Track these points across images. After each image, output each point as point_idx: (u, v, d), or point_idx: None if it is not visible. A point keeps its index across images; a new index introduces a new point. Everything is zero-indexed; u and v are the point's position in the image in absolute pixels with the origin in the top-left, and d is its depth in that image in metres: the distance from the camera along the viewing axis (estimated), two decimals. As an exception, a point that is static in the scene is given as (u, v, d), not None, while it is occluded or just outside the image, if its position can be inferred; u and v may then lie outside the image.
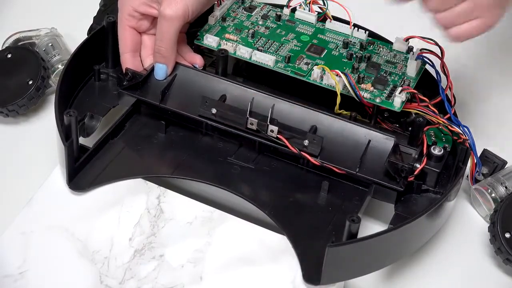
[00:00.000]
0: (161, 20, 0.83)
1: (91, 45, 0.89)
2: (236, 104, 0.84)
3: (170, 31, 0.84)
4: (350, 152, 0.81)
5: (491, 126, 0.95)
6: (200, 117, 0.84)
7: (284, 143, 0.81)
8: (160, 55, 0.85)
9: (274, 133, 0.81)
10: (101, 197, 0.81)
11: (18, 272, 0.76)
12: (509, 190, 0.86)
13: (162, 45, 0.84)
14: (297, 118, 0.83)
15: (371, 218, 0.85)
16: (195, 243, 0.78)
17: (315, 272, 0.75)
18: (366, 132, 0.82)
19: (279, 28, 0.92)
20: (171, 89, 0.86)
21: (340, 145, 0.82)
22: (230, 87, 0.85)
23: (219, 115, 0.83)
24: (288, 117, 0.83)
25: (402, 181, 0.80)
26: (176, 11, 0.82)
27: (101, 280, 0.76)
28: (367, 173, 0.81)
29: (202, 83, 0.86)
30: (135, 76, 0.86)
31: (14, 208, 0.82)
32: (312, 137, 0.81)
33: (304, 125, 0.83)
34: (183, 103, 0.86)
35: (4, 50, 0.95)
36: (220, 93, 0.85)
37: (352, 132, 0.82)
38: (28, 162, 0.90)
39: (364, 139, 0.82)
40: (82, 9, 1.03)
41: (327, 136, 0.82)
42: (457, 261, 0.84)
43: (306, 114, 0.83)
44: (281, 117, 0.83)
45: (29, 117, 0.95)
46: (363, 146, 0.81)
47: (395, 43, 0.90)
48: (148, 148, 0.85)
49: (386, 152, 0.81)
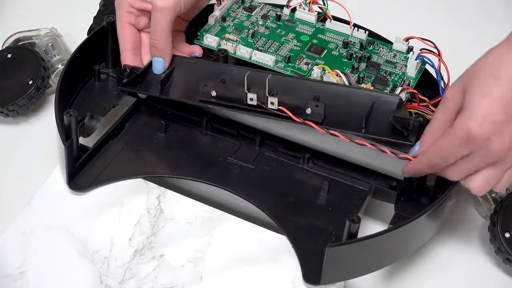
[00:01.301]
0: (154, 12, 0.84)
1: (91, 45, 0.89)
2: (236, 85, 0.83)
3: (162, 23, 0.84)
4: (354, 115, 0.80)
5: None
6: (201, 102, 0.84)
7: (286, 113, 0.80)
8: (156, 48, 0.85)
9: (274, 105, 0.80)
10: (101, 197, 0.81)
11: (18, 272, 0.76)
12: (509, 190, 0.86)
13: (156, 37, 0.85)
14: (297, 89, 0.82)
15: (371, 218, 0.85)
16: (195, 243, 0.78)
17: (315, 272, 0.75)
18: (369, 95, 0.81)
19: (279, 28, 0.92)
20: (170, 80, 0.86)
21: (344, 110, 0.81)
22: (227, 70, 0.85)
23: (218, 97, 0.83)
24: (289, 89, 0.82)
25: (411, 135, 0.79)
26: (167, 2, 0.83)
27: (101, 280, 0.76)
28: (374, 133, 0.79)
29: (200, 71, 0.86)
30: (133, 71, 0.86)
31: (14, 208, 0.82)
32: (314, 104, 0.80)
33: (305, 96, 0.82)
34: (183, 92, 0.86)
35: (4, 50, 0.95)
36: (219, 78, 0.85)
37: (354, 96, 0.81)
38: (28, 162, 0.90)
39: (368, 101, 0.80)
40: (82, 9, 1.03)
41: (329, 103, 0.81)
42: (457, 261, 0.84)
43: (306, 85, 0.82)
44: (281, 91, 0.82)
45: (29, 117, 0.95)
46: (367, 108, 0.80)
47: (395, 43, 0.90)
48: (148, 148, 0.85)
49: (390, 110, 0.80)
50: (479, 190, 0.75)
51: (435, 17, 1.08)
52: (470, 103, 0.72)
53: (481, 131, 0.72)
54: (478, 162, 0.73)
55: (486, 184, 0.75)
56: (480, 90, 0.72)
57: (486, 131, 0.72)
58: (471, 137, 0.72)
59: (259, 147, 0.85)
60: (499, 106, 0.71)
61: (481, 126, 0.72)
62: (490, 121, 0.71)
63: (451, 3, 1.10)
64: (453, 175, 0.76)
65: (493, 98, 0.72)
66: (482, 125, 0.71)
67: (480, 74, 0.73)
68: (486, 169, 0.74)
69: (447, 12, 1.09)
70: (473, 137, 0.72)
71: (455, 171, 0.75)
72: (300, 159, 0.85)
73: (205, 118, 0.86)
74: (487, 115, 0.71)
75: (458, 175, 0.76)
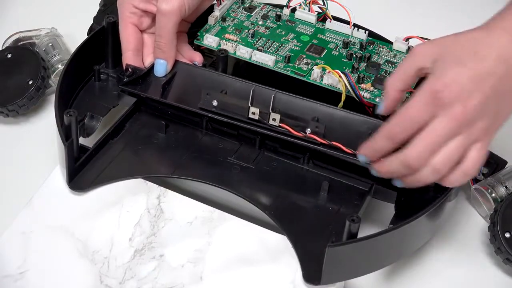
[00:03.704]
0: (159, 16, 0.84)
1: (91, 45, 0.89)
2: (238, 98, 0.84)
3: (167, 26, 0.84)
4: (352, 140, 0.81)
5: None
6: (201, 109, 0.84)
7: (287, 130, 0.81)
8: (160, 50, 0.85)
9: (276, 122, 0.81)
10: (101, 197, 0.81)
11: (18, 272, 0.76)
12: (509, 190, 0.86)
13: (161, 40, 0.85)
14: (298, 109, 0.83)
15: (371, 218, 0.85)
16: (195, 243, 0.78)
17: (315, 272, 0.75)
18: (367, 122, 0.82)
19: (279, 28, 0.92)
20: (171, 85, 0.87)
21: (342, 135, 0.81)
22: (230, 82, 0.85)
23: (220, 107, 0.83)
24: (290, 109, 0.83)
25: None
26: (172, 5, 0.83)
27: (101, 280, 0.76)
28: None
29: (202, 79, 0.86)
30: (135, 72, 0.86)
31: (14, 208, 0.82)
32: (315, 125, 0.80)
33: (306, 116, 0.82)
34: (183, 98, 0.86)
35: (4, 50, 0.95)
36: (221, 89, 0.85)
37: (353, 122, 0.82)
38: (28, 162, 0.90)
39: (366, 129, 0.81)
40: (82, 9, 1.03)
41: (329, 126, 0.81)
42: (457, 261, 0.84)
43: (307, 106, 0.83)
44: (282, 109, 0.83)
45: (29, 117, 0.95)
46: (365, 135, 0.81)
47: (395, 43, 0.90)
48: (148, 148, 0.85)
49: None
50: (442, 166, 0.73)
51: (435, 17, 1.08)
52: (442, 67, 0.72)
53: (447, 93, 0.71)
54: (441, 130, 0.72)
55: (448, 160, 0.73)
56: (455, 60, 0.72)
57: (452, 94, 0.71)
58: (436, 96, 0.71)
59: (259, 147, 0.85)
60: (471, 77, 0.71)
61: (448, 87, 0.71)
62: (457, 86, 0.71)
63: (451, 3, 1.10)
64: (415, 153, 0.73)
65: (467, 69, 0.71)
66: (448, 86, 0.71)
67: (458, 48, 0.73)
68: (449, 141, 0.73)
69: (447, 11, 1.09)
70: (438, 97, 0.71)
71: (418, 145, 0.73)
72: (300, 159, 0.85)
73: (205, 118, 0.86)
74: (457, 80, 0.71)
75: (420, 150, 0.73)
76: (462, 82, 0.71)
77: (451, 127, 0.72)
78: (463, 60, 0.72)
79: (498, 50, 0.72)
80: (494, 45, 0.72)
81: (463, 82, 0.71)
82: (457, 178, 0.75)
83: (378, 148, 0.76)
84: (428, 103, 0.72)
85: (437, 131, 0.72)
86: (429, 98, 0.72)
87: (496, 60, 0.71)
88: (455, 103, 0.71)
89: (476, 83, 0.71)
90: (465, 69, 0.71)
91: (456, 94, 0.71)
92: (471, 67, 0.71)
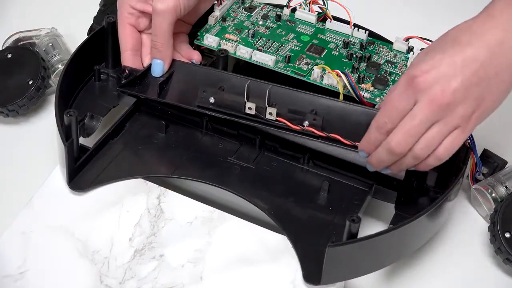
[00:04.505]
0: (154, 15, 0.84)
1: (91, 45, 0.89)
2: (234, 93, 0.84)
3: (163, 26, 0.84)
4: (351, 131, 0.81)
5: (492, 126, 0.95)
6: (199, 107, 0.84)
7: (284, 123, 0.81)
8: (156, 50, 0.86)
9: (273, 116, 0.81)
10: (101, 197, 0.81)
11: (18, 272, 0.76)
12: (509, 190, 0.86)
13: (157, 39, 0.85)
14: (295, 102, 0.83)
15: (371, 218, 0.85)
16: (195, 243, 0.78)
17: (315, 272, 0.75)
18: (366, 113, 0.81)
19: (279, 28, 0.92)
20: (169, 84, 0.87)
21: (341, 126, 0.81)
22: (227, 78, 0.85)
23: (217, 104, 0.83)
24: (287, 102, 0.83)
25: None
26: (167, 5, 0.84)
27: (101, 280, 0.76)
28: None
29: (199, 77, 0.86)
30: (132, 73, 0.86)
31: (14, 208, 0.82)
32: (312, 117, 0.80)
33: (303, 109, 0.82)
34: (181, 97, 0.86)
35: (4, 50, 0.95)
36: (218, 86, 0.85)
37: (352, 113, 0.82)
38: (28, 162, 0.90)
39: (366, 118, 0.81)
40: (82, 9, 1.03)
41: (327, 118, 0.81)
42: (457, 261, 0.84)
43: (305, 99, 0.83)
44: (280, 102, 0.82)
45: (29, 117, 0.95)
46: (365, 126, 0.81)
47: (395, 43, 0.90)
48: (148, 148, 0.85)
49: None
50: (421, 152, 0.73)
51: (435, 17, 1.08)
52: (423, 59, 0.73)
53: (423, 77, 0.71)
54: (420, 115, 0.72)
55: (427, 146, 0.73)
56: (437, 50, 0.72)
57: (429, 79, 0.71)
58: (413, 82, 0.72)
59: (259, 147, 0.85)
60: (449, 63, 0.71)
61: (425, 73, 0.71)
62: (435, 71, 0.71)
63: (451, 2, 1.10)
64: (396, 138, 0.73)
65: (446, 55, 0.72)
66: (426, 72, 0.71)
67: (441, 40, 0.74)
68: (430, 128, 0.73)
69: (447, 11, 1.09)
70: (415, 82, 0.71)
71: (399, 131, 0.73)
72: (300, 159, 0.85)
73: (205, 118, 0.86)
74: (435, 66, 0.71)
75: (400, 137, 0.73)
76: (440, 68, 0.71)
77: (430, 110, 0.72)
78: (443, 48, 0.72)
79: (482, 37, 0.72)
80: (477, 32, 0.72)
81: (441, 67, 0.71)
82: (430, 162, 0.75)
83: (372, 141, 0.76)
84: (406, 89, 0.72)
85: (417, 116, 0.72)
86: (407, 84, 0.72)
87: (479, 47, 0.72)
88: (434, 86, 0.71)
89: (455, 68, 0.71)
90: (444, 56, 0.72)
91: (433, 79, 0.71)
92: (451, 54, 0.72)
